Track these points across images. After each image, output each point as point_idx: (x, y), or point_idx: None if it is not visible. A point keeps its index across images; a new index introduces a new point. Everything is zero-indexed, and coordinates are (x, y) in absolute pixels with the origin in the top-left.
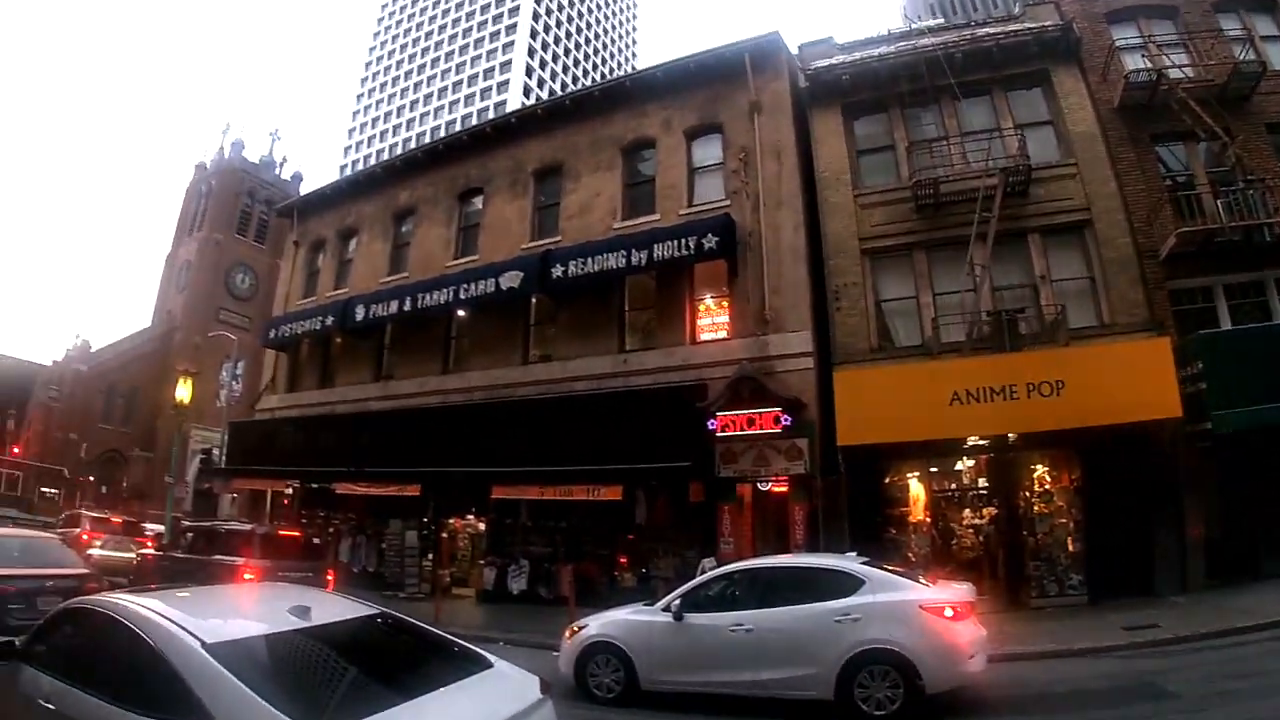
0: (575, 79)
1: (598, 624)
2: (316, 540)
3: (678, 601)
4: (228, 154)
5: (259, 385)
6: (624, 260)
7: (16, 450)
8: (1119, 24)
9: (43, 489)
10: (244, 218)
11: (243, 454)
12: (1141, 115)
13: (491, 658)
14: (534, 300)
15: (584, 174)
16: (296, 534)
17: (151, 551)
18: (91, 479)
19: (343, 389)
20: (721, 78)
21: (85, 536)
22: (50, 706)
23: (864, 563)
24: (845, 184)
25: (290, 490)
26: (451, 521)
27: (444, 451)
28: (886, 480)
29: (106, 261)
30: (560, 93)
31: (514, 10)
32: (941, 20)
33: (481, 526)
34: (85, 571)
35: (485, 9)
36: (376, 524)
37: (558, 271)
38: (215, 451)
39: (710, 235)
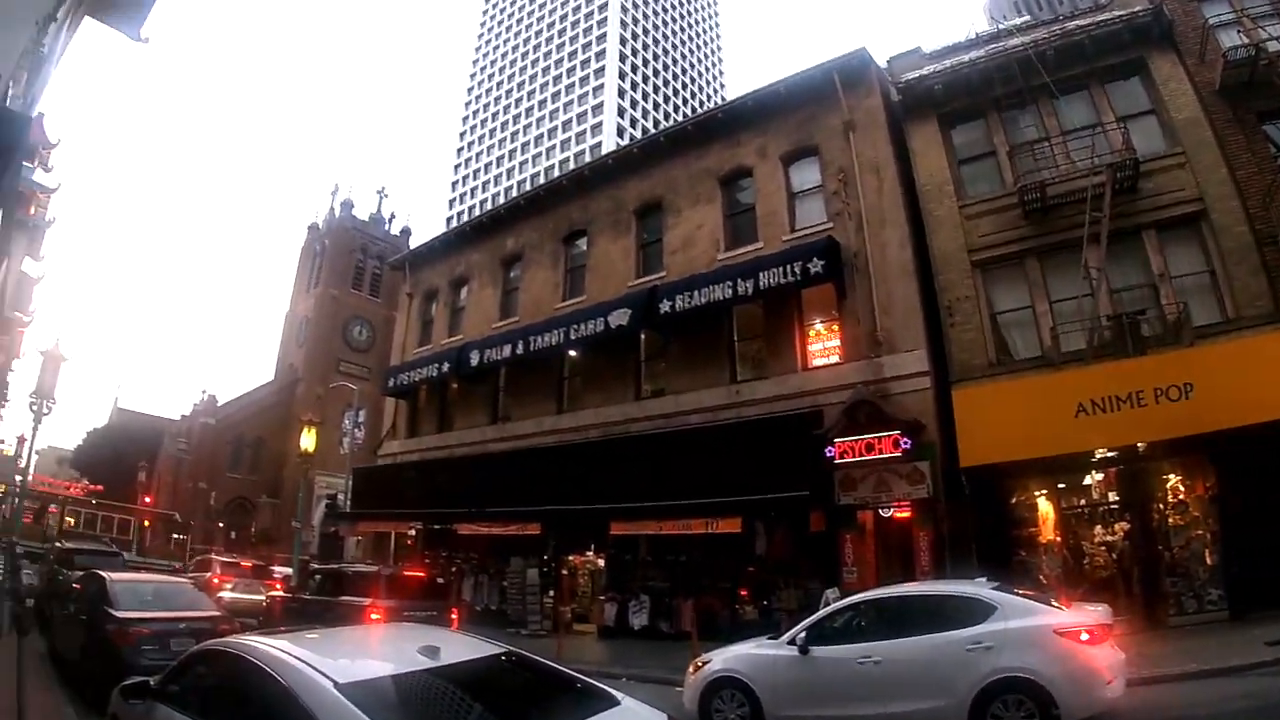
0: (667, 115)
1: (721, 659)
2: (440, 580)
3: (802, 634)
4: (338, 214)
5: (380, 432)
6: (730, 291)
7: (149, 500)
8: (1210, 0)
9: (174, 535)
10: (358, 273)
11: (366, 498)
12: (1244, 94)
13: (618, 694)
14: (643, 336)
15: (684, 208)
16: (421, 574)
17: (280, 594)
18: (221, 525)
19: (461, 432)
20: (813, 100)
21: (216, 580)
22: None
23: (994, 587)
24: (949, 195)
25: (413, 532)
26: (571, 558)
27: (562, 490)
28: (1013, 500)
29: (230, 320)
30: (653, 130)
31: (600, 55)
32: (1028, 18)
33: (601, 563)
34: (217, 614)
35: (573, 55)
36: (498, 563)
37: (665, 306)
38: (340, 496)
39: (815, 259)
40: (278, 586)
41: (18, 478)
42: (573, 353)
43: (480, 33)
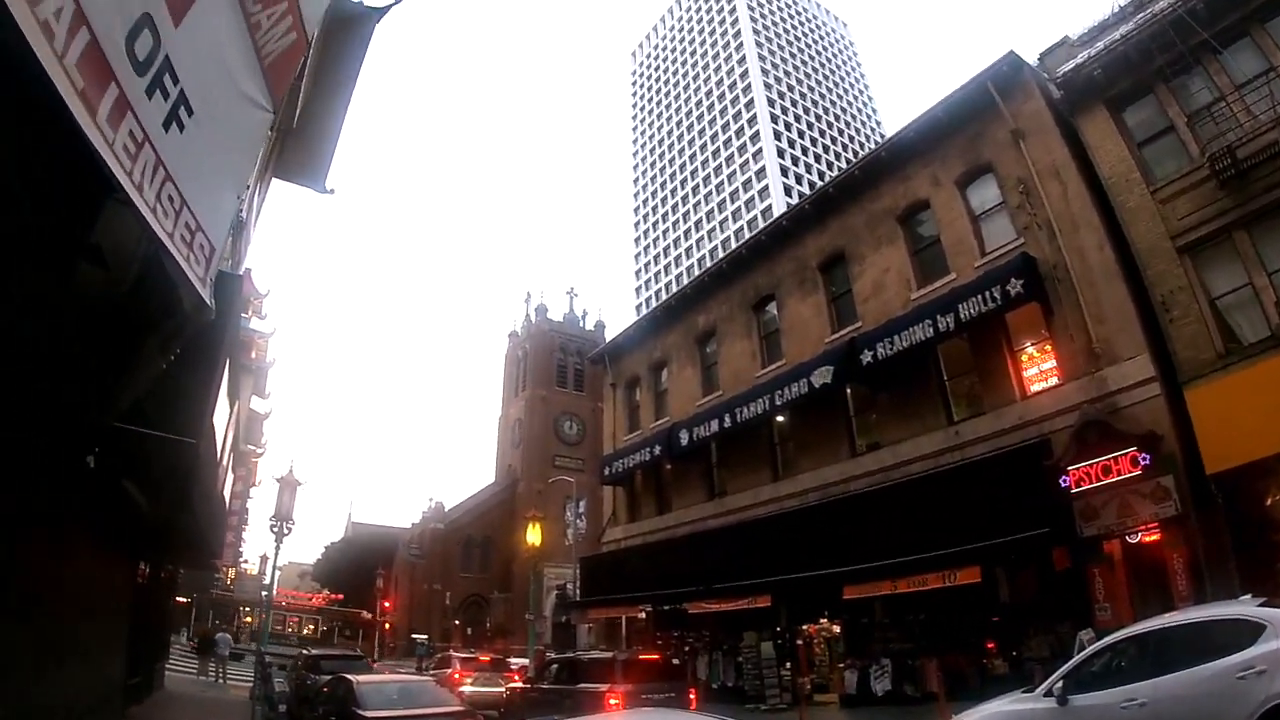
0: (829, 165)
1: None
2: (676, 661)
3: (1059, 684)
4: (534, 319)
5: (602, 520)
6: (930, 330)
7: (388, 604)
8: None
9: (413, 635)
10: (560, 371)
11: (595, 585)
12: None
13: None
14: (849, 391)
15: (867, 254)
16: (655, 657)
17: (519, 685)
18: (457, 623)
19: (680, 511)
20: (973, 116)
21: (456, 675)
22: None
23: (1261, 604)
24: (1137, 183)
25: (644, 615)
26: (805, 627)
27: (788, 558)
28: (1268, 501)
29: (447, 429)
30: (819, 182)
31: (752, 121)
32: None
33: (837, 629)
34: (461, 708)
35: (725, 128)
36: (731, 638)
37: (866, 357)
38: (569, 586)
39: (1013, 280)
40: (516, 678)
41: (264, 594)
42: (780, 418)
43: (634, 125)
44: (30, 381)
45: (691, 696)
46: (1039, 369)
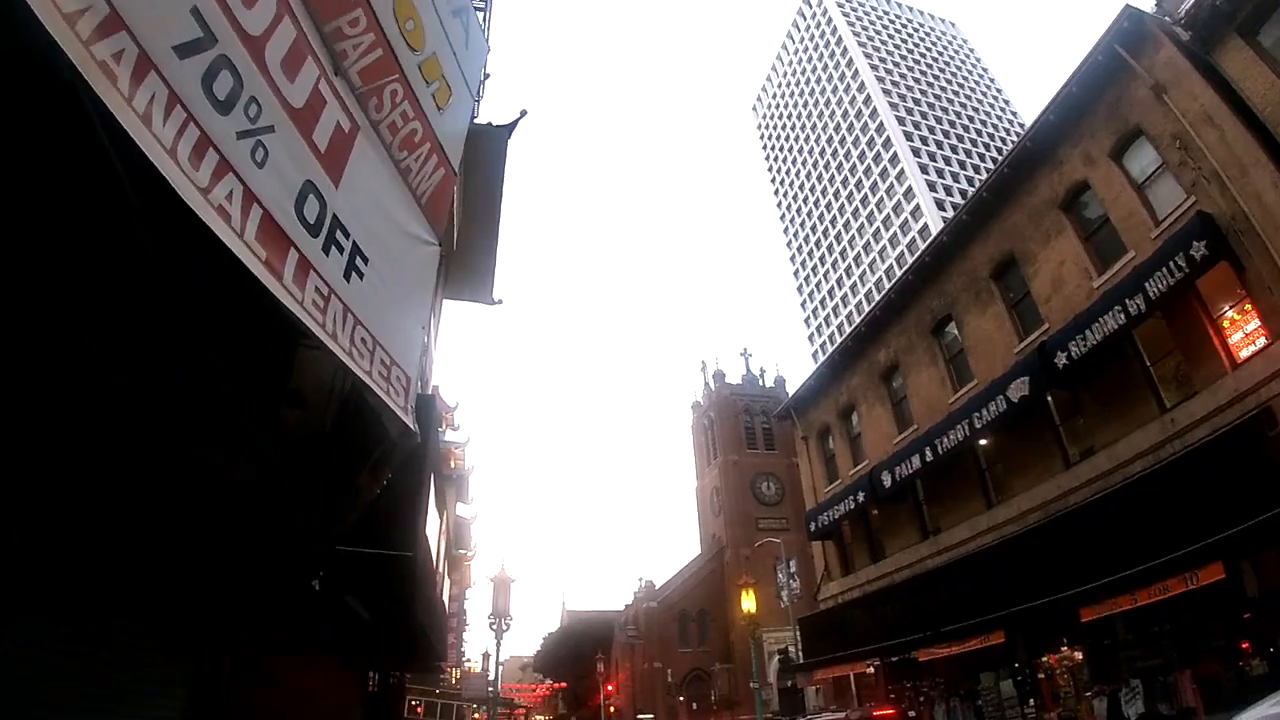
0: (976, 169)
1: None
2: (912, 714)
3: None
4: (713, 387)
5: (815, 577)
6: (1121, 317)
7: (611, 688)
8: None
9: (638, 714)
10: (749, 433)
11: (817, 645)
12: None
13: None
14: (1050, 399)
15: (1038, 251)
16: (890, 712)
17: None
18: (681, 698)
19: (895, 557)
20: (1108, 82)
21: None
22: None
23: None
24: None
25: (871, 669)
26: (1045, 659)
27: (1016, 588)
28: None
29: (643, 506)
30: (969, 189)
31: (887, 144)
32: None
33: (1078, 655)
34: None
35: (862, 157)
36: (967, 682)
37: (1060, 360)
38: (790, 648)
39: (1195, 244)
40: None
41: (489, 690)
42: (982, 442)
43: (771, 177)
44: (259, 518)
45: None
46: (1243, 332)
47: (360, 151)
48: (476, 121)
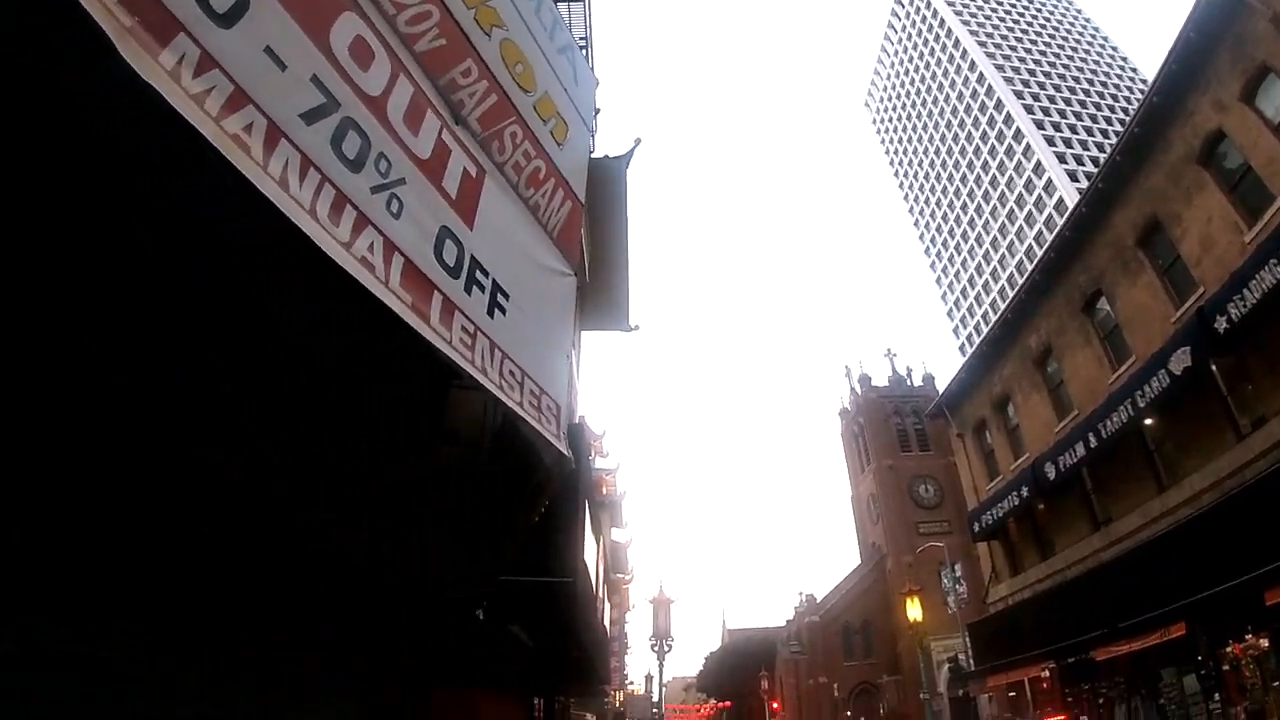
0: (1104, 133)
1: None
2: (1084, 719)
3: None
4: (860, 391)
5: (982, 580)
6: (1279, 268)
7: (776, 705)
8: None
9: None
10: (901, 436)
11: (988, 651)
12: None
13: None
14: (1214, 368)
15: (1182, 211)
16: (1062, 718)
17: None
18: (849, 713)
19: (1065, 553)
20: (1225, 21)
21: None
22: None
23: None
24: None
25: (1046, 673)
26: (1229, 649)
27: (1195, 575)
28: None
29: (797, 518)
30: (1100, 155)
31: (1008, 120)
32: None
33: (1264, 643)
34: None
35: (984, 137)
36: (1149, 680)
37: (1221, 324)
38: (960, 656)
39: None
40: None
41: (653, 711)
42: (1148, 421)
43: (894, 169)
44: (425, 553)
45: None
46: None
47: (489, 193)
48: (594, 155)
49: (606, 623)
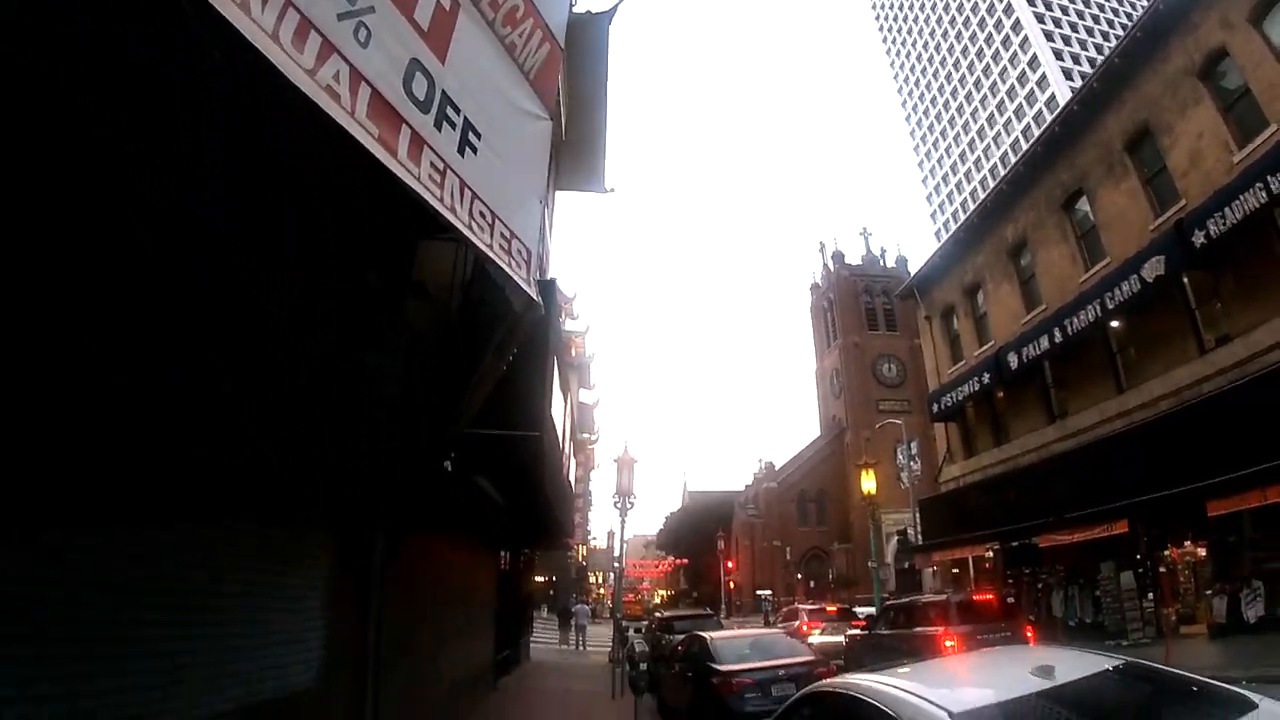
0: (1105, 35)
1: None
2: (1010, 599)
3: None
4: (833, 268)
5: (935, 460)
6: (1264, 194)
7: (731, 565)
8: None
9: (757, 591)
10: (869, 314)
11: (936, 527)
12: None
13: (1254, 696)
14: (1186, 280)
15: (1174, 122)
16: (989, 598)
17: (857, 632)
18: (799, 576)
19: (1020, 440)
20: None
21: (805, 627)
22: None
23: None
24: None
25: (990, 553)
26: (1167, 552)
27: (1143, 477)
28: None
29: (761, 389)
30: (1099, 57)
31: (1008, 9)
32: None
33: (1201, 552)
34: (812, 658)
35: (983, 24)
36: (1087, 571)
37: (1198, 239)
38: (909, 530)
39: None
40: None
41: (614, 565)
42: (1114, 323)
43: (887, 50)
44: (395, 405)
45: (1029, 635)
46: None
47: (463, 28)
48: (576, 10)
49: (572, 480)
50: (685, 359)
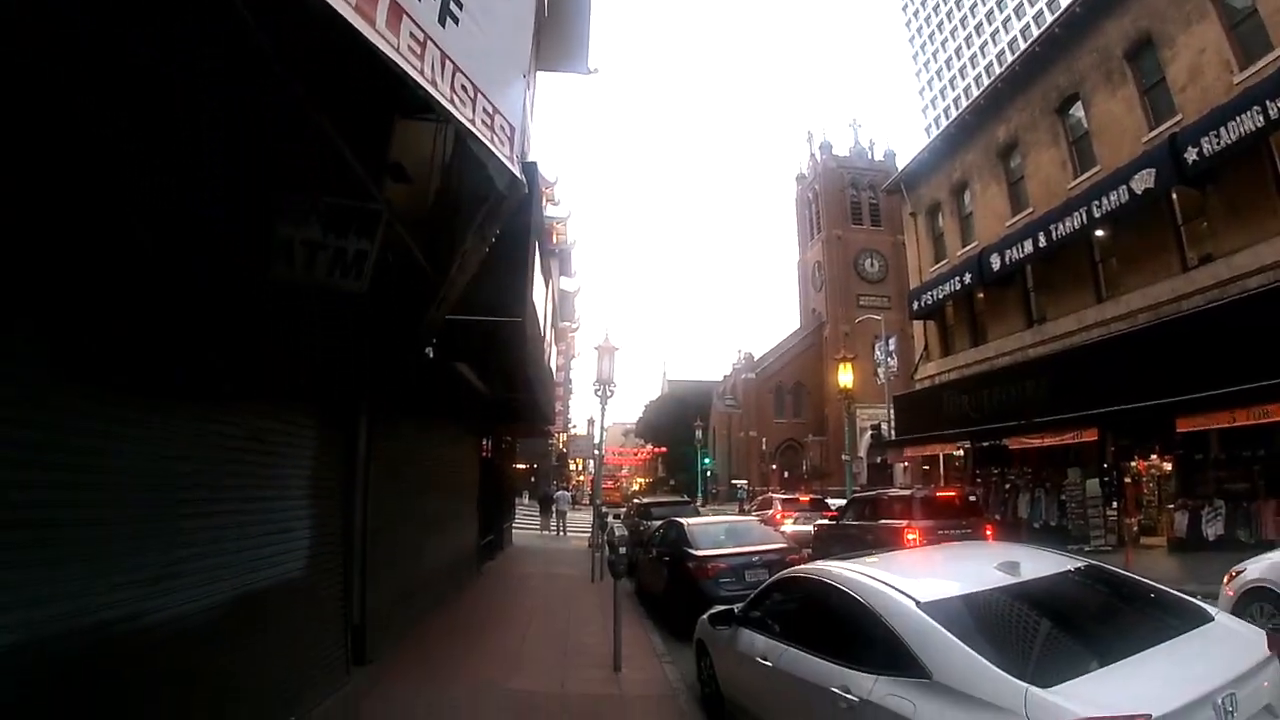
0: None
1: (1258, 568)
2: (973, 498)
3: None
4: (820, 159)
5: (913, 357)
6: (1261, 118)
7: (709, 454)
8: None
9: (733, 480)
10: (854, 208)
11: (909, 424)
12: None
13: (1211, 610)
14: (1174, 196)
15: (1177, 34)
16: (952, 494)
17: (825, 522)
18: (774, 467)
19: (997, 342)
20: None
21: (778, 516)
22: (767, 663)
23: None
24: None
25: (961, 452)
26: (1134, 464)
27: (1116, 388)
28: None
29: (745, 280)
30: None
31: None
32: None
33: (1167, 466)
34: (785, 546)
35: None
36: (1055, 476)
37: (1191, 155)
38: (883, 425)
39: None
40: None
41: (595, 453)
42: (1099, 233)
43: None
44: (374, 291)
45: (988, 533)
46: None
47: None
48: None
49: (553, 368)
50: (668, 248)
